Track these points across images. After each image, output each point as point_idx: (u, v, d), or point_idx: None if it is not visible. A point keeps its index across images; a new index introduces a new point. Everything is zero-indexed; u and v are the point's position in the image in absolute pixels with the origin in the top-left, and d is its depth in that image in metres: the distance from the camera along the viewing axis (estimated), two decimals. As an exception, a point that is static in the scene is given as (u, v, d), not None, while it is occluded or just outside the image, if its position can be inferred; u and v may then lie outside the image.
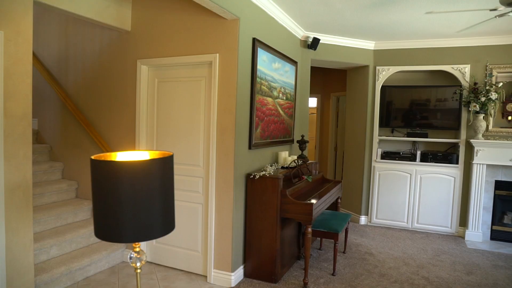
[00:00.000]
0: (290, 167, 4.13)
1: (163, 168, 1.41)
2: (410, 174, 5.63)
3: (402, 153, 5.74)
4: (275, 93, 4.42)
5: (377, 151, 5.83)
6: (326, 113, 7.97)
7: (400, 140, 5.89)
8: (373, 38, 5.61)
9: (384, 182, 5.81)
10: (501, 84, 5.10)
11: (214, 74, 3.65)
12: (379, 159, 5.82)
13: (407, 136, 5.71)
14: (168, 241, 4.08)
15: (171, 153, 1.49)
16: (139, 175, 1.33)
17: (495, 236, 5.34)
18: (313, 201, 3.67)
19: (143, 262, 1.56)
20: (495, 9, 2.88)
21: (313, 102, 8.42)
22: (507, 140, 5.13)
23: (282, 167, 4.21)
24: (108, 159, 1.49)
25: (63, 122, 4.79)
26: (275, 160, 4.49)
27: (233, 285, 3.68)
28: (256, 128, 3.92)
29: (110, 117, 4.37)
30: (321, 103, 8.10)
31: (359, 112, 6.10)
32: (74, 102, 4.65)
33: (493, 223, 5.35)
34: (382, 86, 5.82)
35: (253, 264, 3.84)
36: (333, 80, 7.58)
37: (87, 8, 3.68)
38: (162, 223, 1.43)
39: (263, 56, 4.02)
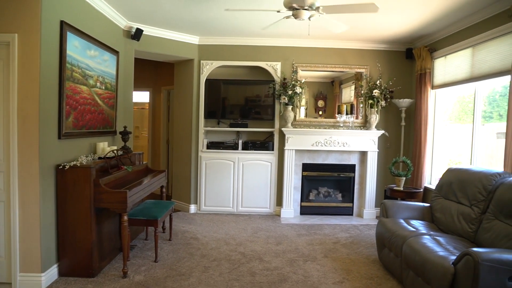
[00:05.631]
0: (108, 158, 4.01)
1: None
2: (234, 162, 6.09)
3: (226, 143, 6.16)
4: (92, 82, 4.23)
5: (203, 141, 6.12)
6: (157, 107, 7.97)
7: (226, 131, 6.30)
8: (197, 33, 5.86)
9: (211, 170, 6.14)
10: (304, 80, 5.95)
11: (13, 57, 3.29)
12: (205, 149, 6.13)
13: (230, 127, 6.15)
14: (-38, 249, 3.52)
15: None
16: None
17: (303, 211, 6.22)
18: (132, 189, 3.68)
19: None
20: (279, 11, 3.36)
21: (145, 96, 8.33)
22: (309, 128, 6.02)
23: (100, 158, 4.06)
24: None
25: None
26: (94, 151, 4.30)
27: (44, 287, 3.40)
28: (67, 117, 3.69)
29: None
30: (153, 97, 8.06)
31: (186, 104, 6.30)
32: None
33: (302, 200, 6.23)
34: (206, 79, 6.14)
35: (69, 261, 3.62)
36: (164, 73, 7.61)
37: None
38: None
39: (74, 41, 3.81)
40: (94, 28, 4.26)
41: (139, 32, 5.31)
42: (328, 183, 6.45)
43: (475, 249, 2.60)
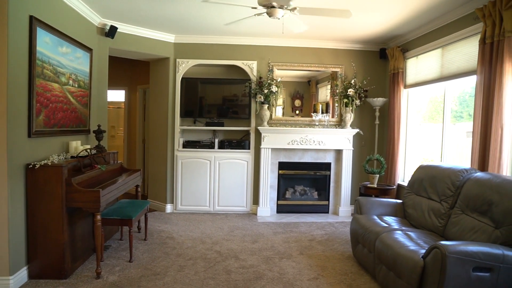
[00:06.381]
0: (81, 156, 3.94)
1: None
2: (210, 161, 6.07)
3: (202, 142, 6.13)
4: (64, 79, 4.14)
5: (179, 140, 6.08)
6: (133, 106, 7.86)
7: (202, 130, 6.27)
8: (173, 31, 5.82)
9: (187, 170, 6.10)
10: (279, 79, 5.99)
11: (-21, 53, 3.20)
12: (181, 148, 6.08)
13: (206, 126, 6.13)
14: None
15: None
16: None
17: (280, 209, 6.26)
18: (106, 188, 3.62)
19: None
20: (255, 8, 3.38)
21: (121, 95, 8.22)
22: (285, 127, 6.08)
23: (72, 157, 3.98)
24: None
25: None
26: (66, 150, 4.21)
27: (12, 290, 3.31)
28: (37, 115, 3.60)
29: None
30: (128, 96, 7.95)
31: (161, 103, 6.24)
32: None
33: (278, 199, 6.27)
34: (183, 78, 6.10)
35: (39, 262, 3.52)
36: (140, 72, 7.52)
37: None
38: None
39: (45, 37, 3.72)
40: (66, 24, 4.17)
41: (113, 29, 5.23)
42: (304, 182, 6.51)
43: (443, 242, 2.68)
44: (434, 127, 5.26)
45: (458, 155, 4.81)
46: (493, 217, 3.02)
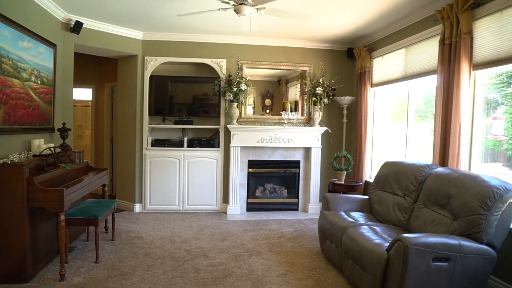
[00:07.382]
0: (44, 155, 3.82)
1: None
2: (179, 160, 6.02)
3: (171, 140, 6.07)
4: (25, 75, 4.00)
5: (147, 139, 5.99)
6: (101, 104, 7.69)
7: (171, 128, 6.20)
8: (141, 28, 5.73)
9: (156, 169, 6.03)
10: (249, 77, 6.00)
11: None
12: (149, 146, 6.00)
13: (175, 124, 6.07)
14: None
15: None
16: None
17: (250, 207, 6.28)
18: (70, 187, 3.53)
19: None
20: (221, 9, 3.38)
21: (88, 93, 8.02)
22: (255, 125, 6.10)
23: (35, 155, 3.85)
24: None
25: None
26: (28, 148, 4.08)
27: (-32, 296, 3.17)
28: (-4, 112, 3.47)
29: None
30: (96, 95, 7.76)
31: (130, 101, 6.13)
32: None
33: (248, 197, 6.28)
34: (151, 76, 6.02)
35: (-1, 266, 3.40)
36: (108, 69, 7.35)
37: None
38: None
39: (3, 31, 3.58)
40: (27, 18, 4.03)
41: (78, 25, 5.10)
42: (274, 179, 6.56)
43: (405, 235, 2.78)
44: (401, 126, 5.41)
45: (423, 153, 4.97)
46: (451, 209, 3.15)
